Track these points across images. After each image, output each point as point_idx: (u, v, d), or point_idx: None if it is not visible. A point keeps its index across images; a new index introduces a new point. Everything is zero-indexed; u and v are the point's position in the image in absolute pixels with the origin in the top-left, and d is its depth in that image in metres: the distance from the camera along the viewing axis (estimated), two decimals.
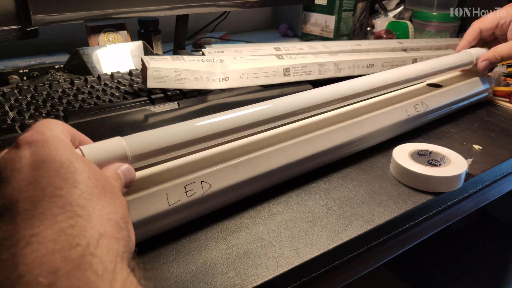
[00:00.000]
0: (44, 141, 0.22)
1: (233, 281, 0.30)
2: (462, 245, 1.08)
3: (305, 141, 0.42)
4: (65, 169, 0.21)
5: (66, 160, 0.21)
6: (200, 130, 0.34)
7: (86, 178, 0.21)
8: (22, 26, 0.56)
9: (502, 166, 0.48)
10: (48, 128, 0.24)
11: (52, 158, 0.21)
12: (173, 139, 0.32)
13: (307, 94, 0.43)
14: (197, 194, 0.35)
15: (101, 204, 0.21)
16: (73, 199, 0.20)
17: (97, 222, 0.20)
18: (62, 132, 0.25)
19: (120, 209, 0.23)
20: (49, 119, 0.26)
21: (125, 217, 0.23)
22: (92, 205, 0.20)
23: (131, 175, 0.29)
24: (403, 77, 0.51)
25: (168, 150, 0.32)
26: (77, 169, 0.21)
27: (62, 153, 0.22)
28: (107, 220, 0.20)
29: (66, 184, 0.20)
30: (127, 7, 0.64)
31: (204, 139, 0.34)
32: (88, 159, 0.24)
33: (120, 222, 0.21)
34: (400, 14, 1.04)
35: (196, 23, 1.00)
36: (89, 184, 0.21)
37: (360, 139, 0.47)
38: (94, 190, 0.21)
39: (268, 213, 0.38)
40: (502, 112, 0.62)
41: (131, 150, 0.30)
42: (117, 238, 0.20)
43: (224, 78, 0.56)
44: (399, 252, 0.41)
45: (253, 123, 0.37)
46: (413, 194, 0.41)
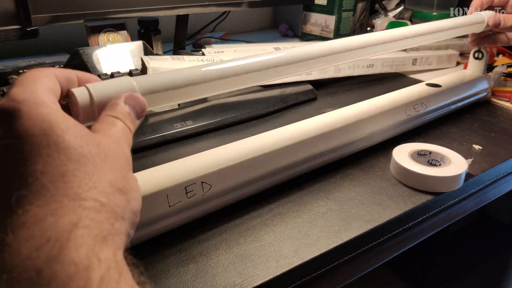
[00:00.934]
0: (17, 111, 0.19)
1: (233, 281, 0.30)
2: (462, 245, 1.08)
3: (305, 141, 0.42)
4: (39, 144, 0.19)
5: (43, 133, 0.19)
6: (212, 74, 0.32)
7: (65, 148, 0.19)
8: (22, 26, 0.56)
9: (502, 166, 0.48)
10: (25, 89, 0.21)
11: (27, 130, 0.19)
12: (185, 81, 0.30)
13: (318, 46, 0.40)
14: (197, 195, 0.35)
15: (80, 179, 0.19)
16: (47, 181, 0.18)
17: (72, 207, 0.18)
18: (43, 91, 0.21)
19: (108, 174, 0.20)
20: (34, 70, 0.23)
21: (117, 180, 0.21)
22: (69, 184, 0.18)
23: (140, 104, 0.26)
24: (415, 34, 0.49)
25: (177, 91, 0.30)
26: (52, 142, 0.19)
27: (38, 123, 0.19)
28: (85, 200, 0.18)
29: (40, 164, 0.18)
30: (127, 7, 0.64)
31: (215, 83, 0.32)
32: (78, 124, 0.21)
33: (102, 197, 0.19)
34: (400, 14, 1.04)
35: (196, 23, 1.00)
36: (68, 156, 0.19)
37: (359, 139, 0.47)
38: (73, 163, 0.19)
39: (268, 213, 0.38)
40: (502, 112, 0.62)
41: (140, 88, 0.27)
42: (96, 221, 0.18)
43: None
44: (399, 252, 0.41)
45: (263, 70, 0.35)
46: (413, 194, 0.41)
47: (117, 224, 0.19)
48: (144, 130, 0.48)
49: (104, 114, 0.24)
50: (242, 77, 0.34)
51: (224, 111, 0.54)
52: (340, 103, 0.61)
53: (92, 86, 0.25)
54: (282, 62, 0.37)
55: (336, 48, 0.41)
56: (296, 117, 0.57)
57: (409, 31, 0.49)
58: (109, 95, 0.25)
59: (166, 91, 0.29)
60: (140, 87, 0.27)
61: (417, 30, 0.50)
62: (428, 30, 0.51)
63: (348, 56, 0.43)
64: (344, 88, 0.70)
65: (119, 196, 0.20)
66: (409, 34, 0.48)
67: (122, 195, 0.21)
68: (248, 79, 0.35)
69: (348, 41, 0.43)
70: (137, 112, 0.25)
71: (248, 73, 0.34)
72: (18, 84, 0.21)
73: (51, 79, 0.23)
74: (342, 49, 0.41)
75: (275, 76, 0.37)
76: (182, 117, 0.52)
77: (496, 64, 0.77)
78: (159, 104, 0.29)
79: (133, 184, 0.22)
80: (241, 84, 0.35)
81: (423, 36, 0.50)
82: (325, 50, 0.40)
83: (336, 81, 0.72)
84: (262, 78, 0.36)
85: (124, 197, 0.21)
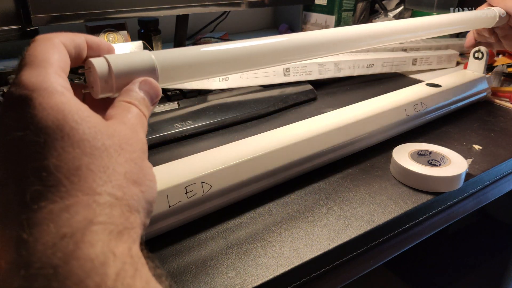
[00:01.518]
0: (29, 99, 0.18)
1: (233, 281, 0.30)
2: (462, 245, 1.08)
3: (305, 141, 0.42)
4: (53, 136, 0.18)
5: (56, 125, 0.18)
6: (228, 51, 0.32)
7: (79, 141, 0.18)
8: (22, 26, 0.56)
9: (502, 166, 0.48)
10: (37, 72, 0.19)
11: (40, 121, 0.18)
12: (205, 58, 0.30)
13: (325, 32, 0.40)
14: (197, 195, 0.35)
15: (95, 173, 0.18)
16: (61, 175, 0.18)
17: (87, 202, 0.18)
18: (55, 70, 0.20)
19: (124, 165, 0.20)
20: (41, 40, 0.21)
21: (132, 171, 0.20)
22: (83, 179, 0.18)
23: (155, 89, 0.25)
24: (420, 27, 0.48)
25: (196, 68, 0.29)
26: (66, 134, 0.18)
27: (52, 113, 0.18)
28: (99, 195, 0.18)
29: (54, 157, 0.18)
30: (127, 7, 0.64)
31: (231, 61, 0.32)
32: (93, 113, 0.20)
33: (117, 190, 0.19)
34: (400, 14, 1.04)
35: (196, 23, 1.00)
36: (83, 148, 0.18)
37: (359, 139, 0.47)
38: (87, 156, 0.18)
39: (268, 213, 0.38)
40: (502, 112, 0.62)
41: (160, 64, 0.27)
42: (111, 216, 0.18)
43: (224, 78, 0.56)
44: (399, 252, 0.41)
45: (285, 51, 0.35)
46: (413, 194, 0.41)
47: (132, 218, 0.19)
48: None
49: (118, 99, 0.23)
50: (259, 58, 0.34)
51: (224, 111, 0.54)
52: (340, 103, 0.61)
53: (111, 58, 0.24)
54: (306, 43, 0.36)
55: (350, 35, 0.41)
56: (296, 117, 0.57)
57: (421, 23, 0.48)
58: (128, 69, 0.24)
59: (185, 67, 0.28)
60: (159, 63, 0.26)
61: (430, 22, 0.49)
62: (440, 23, 0.50)
63: (352, 45, 0.42)
64: (344, 88, 0.70)
65: (134, 188, 0.20)
66: (421, 25, 0.48)
67: (137, 186, 0.20)
68: (265, 59, 0.34)
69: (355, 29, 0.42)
70: (152, 97, 0.25)
71: (265, 55, 0.34)
72: (28, 66, 0.20)
73: (61, 53, 0.22)
74: (353, 37, 0.41)
75: (294, 57, 0.36)
76: (182, 117, 0.52)
77: (496, 64, 0.76)
78: (178, 80, 0.29)
79: (148, 173, 0.22)
80: (260, 63, 0.34)
81: (434, 29, 0.49)
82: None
83: (336, 81, 0.72)
84: (280, 59, 0.35)
85: (138, 188, 0.20)
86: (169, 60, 0.28)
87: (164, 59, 0.27)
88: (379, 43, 0.44)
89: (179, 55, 0.29)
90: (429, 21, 0.49)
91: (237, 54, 0.32)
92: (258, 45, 0.34)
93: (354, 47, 0.41)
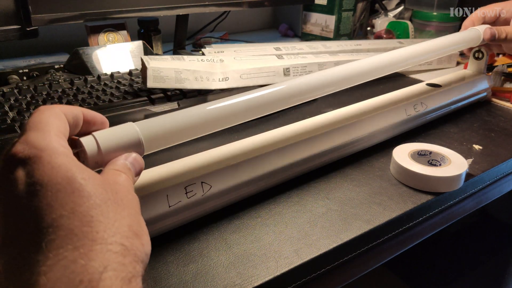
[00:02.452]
0: (37, 158, 0.20)
1: (233, 281, 0.30)
2: (462, 245, 1.08)
3: (305, 141, 0.42)
4: (64, 192, 0.20)
5: (67, 182, 0.20)
6: (213, 114, 0.33)
7: (88, 196, 0.20)
8: (22, 26, 0.56)
9: (502, 166, 0.48)
10: (42, 136, 0.22)
11: (51, 179, 0.20)
12: (186, 123, 0.31)
13: (319, 75, 0.41)
14: (197, 195, 0.35)
15: (105, 225, 0.20)
16: (75, 227, 0.19)
17: (101, 252, 0.19)
18: (58, 137, 0.23)
19: (126, 219, 0.21)
20: (43, 110, 0.24)
21: (133, 225, 0.22)
22: (95, 229, 0.19)
23: (139, 163, 0.28)
24: (410, 57, 0.49)
25: (181, 134, 0.31)
26: (76, 189, 0.20)
27: (60, 172, 0.20)
28: (111, 244, 0.20)
29: (67, 211, 0.19)
30: (127, 7, 0.64)
31: (217, 122, 0.33)
32: (94, 173, 0.23)
33: (125, 241, 0.20)
34: (400, 14, 1.04)
35: (196, 23, 1.00)
36: (92, 202, 0.20)
37: (359, 139, 0.47)
38: (96, 209, 0.20)
39: (268, 213, 0.38)
40: (502, 112, 0.62)
41: (144, 134, 0.29)
42: (123, 264, 0.20)
43: (224, 78, 0.56)
44: (399, 252, 0.41)
45: (265, 105, 0.36)
46: (413, 194, 0.41)
47: (138, 267, 0.21)
48: None
49: (108, 167, 0.26)
50: (244, 114, 0.35)
51: None
52: (340, 103, 0.61)
53: (98, 135, 0.27)
54: (282, 95, 0.38)
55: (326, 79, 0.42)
56: (296, 117, 0.57)
57: (406, 53, 0.49)
58: (114, 143, 0.27)
59: (168, 135, 0.30)
60: (143, 133, 0.29)
61: (415, 51, 0.50)
62: (426, 50, 0.52)
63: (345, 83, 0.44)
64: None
65: (137, 240, 0.21)
66: (405, 55, 0.49)
67: (138, 239, 0.22)
68: (246, 116, 0.36)
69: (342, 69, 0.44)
70: (136, 170, 0.27)
71: (246, 112, 0.35)
72: (33, 129, 0.22)
73: (62, 121, 0.24)
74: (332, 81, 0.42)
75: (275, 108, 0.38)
76: None
77: (496, 64, 0.76)
78: (163, 146, 0.31)
79: (144, 228, 0.24)
80: (244, 119, 0.36)
81: (421, 56, 0.51)
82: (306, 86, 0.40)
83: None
84: (264, 111, 0.37)
85: (139, 241, 0.22)
86: (154, 130, 0.30)
87: (149, 130, 0.29)
88: (368, 78, 0.46)
89: (162, 124, 0.30)
90: (417, 49, 0.51)
91: (217, 115, 0.33)
92: (236, 103, 0.35)
93: (338, 88, 0.43)
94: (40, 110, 0.24)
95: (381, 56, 0.47)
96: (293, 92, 0.38)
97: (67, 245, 0.18)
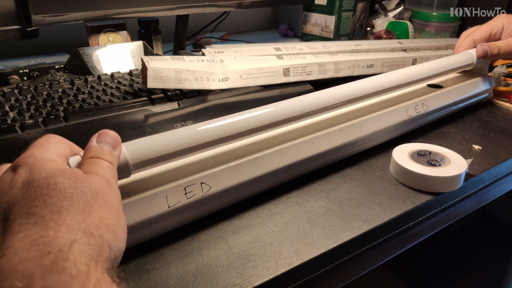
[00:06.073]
0: (33, 164, 0.25)
1: (233, 281, 0.30)
2: (462, 245, 1.08)
3: (305, 142, 0.42)
4: (41, 187, 0.23)
5: (45, 179, 0.23)
6: (201, 135, 0.34)
7: (61, 189, 0.23)
8: (22, 26, 0.56)
9: (502, 166, 0.48)
10: (41, 151, 0.26)
11: (35, 179, 0.24)
12: (174, 145, 0.32)
13: (309, 97, 0.42)
14: (196, 196, 0.35)
15: (73, 214, 0.22)
16: (45, 214, 0.22)
17: (67, 232, 0.21)
18: (54, 153, 0.26)
19: (98, 211, 0.23)
20: (49, 137, 0.28)
21: (106, 217, 0.24)
22: (63, 217, 0.22)
23: (111, 136, 0.29)
24: (403, 80, 0.51)
25: (169, 156, 0.32)
26: (51, 184, 0.23)
27: (44, 172, 0.24)
28: (77, 229, 0.22)
29: (41, 202, 0.22)
30: (127, 7, 0.64)
31: (205, 144, 0.34)
32: (75, 169, 0.25)
33: (92, 229, 0.22)
34: (400, 14, 1.04)
35: (196, 23, 1.00)
36: (63, 195, 0.23)
37: (360, 140, 0.47)
38: (67, 200, 0.23)
39: (268, 213, 0.38)
40: (502, 112, 0.62)
41: (131, 156, 0.30)
42: (88, 244, 0.22)
43: (224, 78, 0.56)
44: (399, 252, 0.41)
45: (256, 127, 0.37)
46: (413, 194, 0.41)
47: (104, 253, 0.22)
48: (144, 130, 0.48)
49: (84, 158, 0.27)
50: (233, 136, 0.36)
51: (224, 111, 0.54)
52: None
53: None
54: (277, 117, 0.39)
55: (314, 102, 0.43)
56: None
57: (400, 76, 0.51)
58: None
59: (156, 155, 0.31)
60: (131, 154, 0.30)
61: (410, 74, 0.52)
62: (422, 73, 0.53)
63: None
64: None
65: (107, 231, 0.23)
66: (398, 79, 0.51)
67: (110, 231, 0.23)
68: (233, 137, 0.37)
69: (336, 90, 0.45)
70: (112, 144, 0.28)
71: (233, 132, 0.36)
72: (37, 146, 0.27)
73: (64, 145, 0.28)
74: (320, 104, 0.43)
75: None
76: (182, 117, 0.52)
77: (496, 64, 0.77)
78: (150, 167, 0.32)
79: (122, 224, 0.25)
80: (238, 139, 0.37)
81: (413, 79, 0.53)
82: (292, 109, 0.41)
83: (336, 81, 0.72)
84: (251, 132, 0.38)
85: (111, 234, 0.23)
86: (141, 151, 0.31)
87: (136, 151, 0.30)
88: (365, 99, 0.48)
89: (150, 145, 0.31)
90: (411, 72, 0.53)
91: (208, 135, 0.34)
92: (222, 125, 0.36)
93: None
94: (46, 136, 0.28)
95: (370, 81, 0.48)
96: (285, 114, 0.40)
97: (37, 227, 0.21)
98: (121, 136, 0.30)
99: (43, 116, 0.47)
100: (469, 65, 0.61)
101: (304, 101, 0.42)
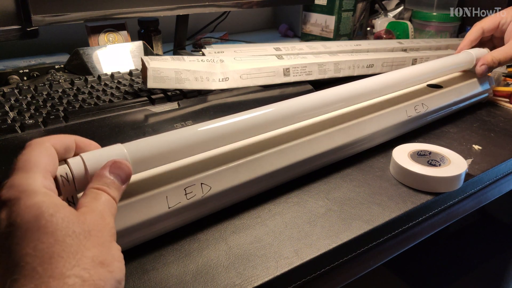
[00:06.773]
0: (16, 200, 0.22)
1: (233, 282, 0.30)
2: (462, 245, 1.08)
3: (305, 142, 0.42)
4: (30, 230, 0.21)
5: (35, 220, 0.21)
6: (201, 136, 0.34)
7: (52, 232, 0.21)
8: (22, 26, 0.56)
9: (502, 166, 0.48)
10: (25, 177, 0.23)
11: (20, 220, 0.21)
12: (174, 145, 0.32)
13: (309, 97, 0.43)
14: (197, 197, 0.35)
15: (65, 259, 0.21)
16: (37, 264, 0.20)
17: (60, 283, 0.20)
18: (39, 177, 0.24)
19: (91, 250, 0.22)
20: (33, 146, 0.25)
21: (99, 255, 0.23)
22: (54, 265, 0.21)
23: (124, 170, 0.28)
24: (403, 80, 0.51)
25: (169, 156, 0.32)
26: (42, 226, 0.21)
27: (31, 211, 0.22)
28: (71, 276, 0.21)
29: (31, 248, 0.21)
30: (127, 7, 0.64)
31: (206, 144, 0.34)
32: (67, 208, 0.24)
33: (86, 272, 0.21)
34: (400, 14, 1.04)
35: (196, 23, 1.00)
36: (55, 238, 0.21)
37: (360, 140, 0.47)
38: (58, 244, 0.21)
39: (268, 214, 0.38)
40: (502, 112, 0.62)
41: (131, 156, 0.30)
42: (83, 287, 0.21)
43: (224, 78, 0.56)
44: (399, 252, 0.41)
45: (256, 127, 0.37)
46: (413, 194, 0.41)
47: None
48: (144, 130, 0.48)
49: (89, 187, 0.26)
50: (233, 136, 0.37)
51: (224, 111, 0.54)
52: None
53: (85, 156, 0.28)
54: (271, 118, 0.39)
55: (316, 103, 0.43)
56: None
57: (400, 76, 0.52)
58: (101, 164, 0.28)
59: (156, 156, 0.31)
60: (131, 155, 0.30)
61: (410, 74, 0.53)
62: (422, 73, 0.54)
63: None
64: None
65: (101, 269, 0.22)
66: (398, 79, 0.51)
67: (104, 267, 0.23)
68: (233, 139, 0.37)
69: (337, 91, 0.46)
70: (122, 178, 0.28)
71: (233, 135, 0.37)
72: (20, 170, 0.24)
73: (50, 157, 0.26)
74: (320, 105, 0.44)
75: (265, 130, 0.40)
76: (182, 117, 0.52)
77: None
78: (151, 168, 0.32)
79: (116, 255, 0.24)
80: (231, 141, 0.37)
81: (412, 79, 0.54)
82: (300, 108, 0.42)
83: (336, 81, 0.72)
84: (251, 134, 0.38)
85: (106, 269, 0.23)
86: (141, 152, 0.31)
87: (136, 151, 0.30)
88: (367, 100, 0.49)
89: (150, 145, 0.31)
90: (411, 72, 0.53)
91: (208, 136, 0.35)
92: (222, 125, 0.36)
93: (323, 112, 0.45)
94: (30, 146, 0.26)
95: (370, 81, 0.49)
96: (286, 114, 0.40)
97: (28, 284, 0.20)
98: (121, 136, 0.30)
99: (43, 116, 0.47)
100: (469, 65, 0.61)
101: (304, 101, 0.42)
